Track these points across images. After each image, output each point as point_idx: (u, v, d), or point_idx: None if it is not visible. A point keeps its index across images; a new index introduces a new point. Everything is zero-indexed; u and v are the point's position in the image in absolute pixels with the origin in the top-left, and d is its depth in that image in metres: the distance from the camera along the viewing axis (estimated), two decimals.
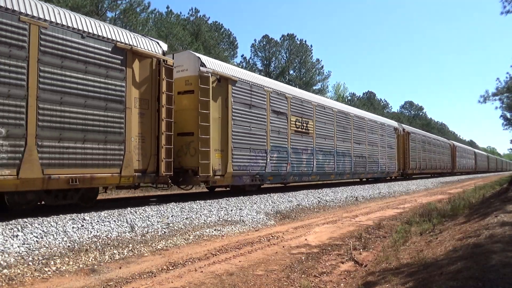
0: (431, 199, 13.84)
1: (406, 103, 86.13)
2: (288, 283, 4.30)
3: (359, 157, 18.87)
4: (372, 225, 8.08)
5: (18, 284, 4.02)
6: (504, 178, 29.05)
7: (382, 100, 71.53)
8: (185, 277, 4.38)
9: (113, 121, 7.75)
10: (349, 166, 17.73)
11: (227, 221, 7.94)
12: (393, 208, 11.40)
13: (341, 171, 17.00)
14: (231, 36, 40.10)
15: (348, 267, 4.98)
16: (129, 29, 20.26)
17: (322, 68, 46.02)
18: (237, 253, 5.54)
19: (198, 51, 26.65)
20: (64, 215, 6.68)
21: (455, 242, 4.75)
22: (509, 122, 28.84)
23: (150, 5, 26.62)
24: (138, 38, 8.55)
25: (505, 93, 23.12)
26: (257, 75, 13.39)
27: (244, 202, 10.03)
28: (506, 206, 6.32)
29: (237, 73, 11.35)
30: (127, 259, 5.08)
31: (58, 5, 18.87)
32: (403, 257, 4.86)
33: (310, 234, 7.08)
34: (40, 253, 4.96)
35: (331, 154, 16.24)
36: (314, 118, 15.07)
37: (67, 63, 7.08)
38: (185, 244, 6.03)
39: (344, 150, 17.33)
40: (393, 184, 20.81)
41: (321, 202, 11.76)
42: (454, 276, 3.20)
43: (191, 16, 34.77)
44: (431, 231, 6.47)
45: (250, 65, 42.51)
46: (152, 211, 7.70)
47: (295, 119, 13.87)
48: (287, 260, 5.23)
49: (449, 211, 8.58)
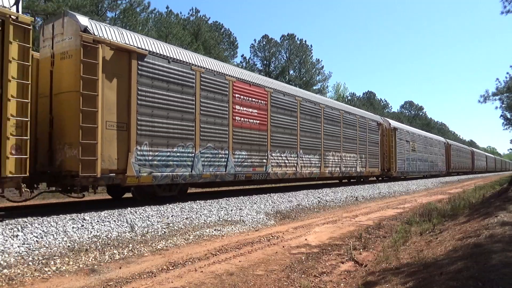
0: (431, 199, 13.85)
1: (406, 103, 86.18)
2: (288, 283, 4.30)
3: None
4: (372, 225, 8.08)
5: (18, 284, 4.02)
6: (504, 178, 29.06)
7: (382, 100, 71.59)
8: (185, 277, 4.38)
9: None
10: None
11: (227, 221, 7.94)
12: (393, 208, 11.40)
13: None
14: (231, 36, 40.14)
15: (348, 267, 4.98)
16: (129, 29, 20.27)
17: (322, 68, 46.08)
18: (237, 253, 5.54)
19: (198, 51, 26.67)
20: (64, 215, 6.68)
21: (455, 242, 4.75)
22: (509, 122, 28.84)
23: (150, 5, 26.66)
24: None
25: (505, 93, 23.12)
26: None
27: (244, 202, 10.03)
28: (506, 206, 6.32)
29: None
30: (127, 259, 5.08)
31: (58, 5, 18.87)
32: (403, 257, 4.86)
33: (310, 234, 7.08)
34: (40, 253, 4.96)
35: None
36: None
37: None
38: (185, 244, 6.03)
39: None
40: (393, 184, 20.81)
41: (321, 202, 11.76)
42: (454, 276, 3.20)
43: (191, 16, 34.80)
44: (431, 231, 6.47)
45: (250, 65, 42.52)
46: (152, 211, 7.70)
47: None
48: (287, 260, 5.22)
49: (449, 211, 8.58)
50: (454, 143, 44.41)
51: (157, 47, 9.02)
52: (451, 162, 38.82)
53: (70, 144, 7.35)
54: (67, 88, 7.45)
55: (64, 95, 7.49)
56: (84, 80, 7.25)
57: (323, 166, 15.60)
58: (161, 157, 8.83)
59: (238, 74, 11.50)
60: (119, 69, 8.03)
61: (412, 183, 22.98)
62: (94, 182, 7.63)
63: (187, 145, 9.50)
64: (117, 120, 7.94)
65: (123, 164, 7.98)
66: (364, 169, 19.38)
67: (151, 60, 8.66)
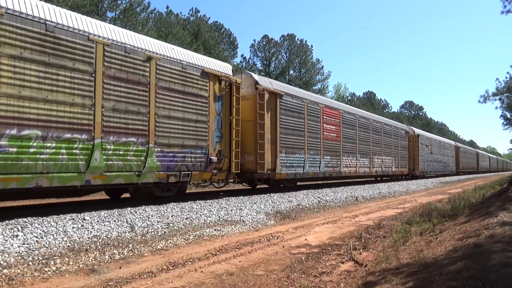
0: (431, 199, 13.85)
1: (406, 103, 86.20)
2: (288, 283, 4.30)
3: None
4: (372, 225, 8.08)
5: (18, 284, 4.02)
6: (504, 178, 29.05)
7: (382, 100, 71.58)
8: (185, 277, 4.38)
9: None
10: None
11: (227, 221, 7.94)
12: (393, 208, 11.40)
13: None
14: (231, 36, 40.13)
15: (348, 267, 4.98)
16: (129, 29, 20.26)
17: (322, 68, 46.09)
18: (237, 253, 5.54)
19: (198, 51, 26.67)
20: (64, 215, 6.68)
21: (455, 242, 4.75)
22: (509, 122, 28.82)
23: (150, 5, 26.66)
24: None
25: (505, 93, 23.10)
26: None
27: (244, 202, 10.03)
28: (506, 206, 6.32)
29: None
30: (127, 259, 5.08)
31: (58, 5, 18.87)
32: (403, 257, 4.86)
33: (310, 234, 7.08)
34: (40, 253, 4.96)
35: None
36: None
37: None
38: (185, 244, 6.03)
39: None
40: (393, 184, 20.83)
41: (321, 202, 11.76)
42: (454, 276, 3.20)
43: (191, 16, 34.78)
44: (431, 231, 6.46)
45: (250, 65, 42.52)
46: (152, 211, 7.70)
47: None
48: (287, 260, 5.22)
49: (449, 211, 8.58)
50: (462, 146, 47.41)
51: (287, 89, 13.90)
52: (460, 163, 43.49)
53: (249, 153, 11.94)
54: (247, 118, 11.82)
55: (246, 123, 11.74)
56: (258, 113, 11.93)
57: (371, 166, 20.40)
58: (290, 161, 13.41)
59: (322, 101, 16.27)
60: (272, 105, 12.66)
61: (412, 183, 23.00)
62: (261, 176, 12.14)
63: (301, 152, 14.07)
64: (271, 138, 12.51)
65: (274, 166, 12.55)
66: (397, 169, 24.09)
67: (285, 98, 13.34)
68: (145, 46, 8.72)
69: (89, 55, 7.54)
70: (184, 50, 10.31)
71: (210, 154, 10.17)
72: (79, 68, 7.36)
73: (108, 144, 7.79)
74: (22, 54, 6.53)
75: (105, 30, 7.99)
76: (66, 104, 7.11)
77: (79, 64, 7.36)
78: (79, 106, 7.34)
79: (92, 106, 7.54)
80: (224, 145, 10.74)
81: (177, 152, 9.31)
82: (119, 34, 8.28)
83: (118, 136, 8.01)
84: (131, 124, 8.26)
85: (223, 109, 10.73)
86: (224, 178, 10.92)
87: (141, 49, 8.58)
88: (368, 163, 19.91)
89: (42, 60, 6.80)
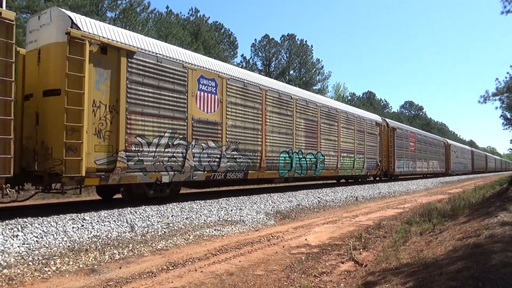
0: (431, 199, 13.85)
1: (406, 103, 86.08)
2: (288, 283, 4.30)
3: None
4: (372, 225, 8.08)
5: (18, 284, 4.02)
6: (504, 178, 29.03)
7: (382, 100, 71.55)
8: (185, 277, 4.38)
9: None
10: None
11: (227, 221, 7.94)
12: (393, 208, 11.40)
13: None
14: (231, 36, 40.08)
15: (348, 267, 4.98)
16: (129, 29, 20.27)
17: (322, 68, 46.03)
18: (237, 253, 5.54)
19: (198, 51, 26.66)
20: (64, 215, 6.68)
21: (455, 242, 4.75)
22: (509, 122, 28.81)
23: (150, 5, 26.62)
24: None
25: (505, 93, 23.09)
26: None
27: (244, 202, 10.03)
28: (506, 206, 6.32)
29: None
30: (127, 259, 5.08)
31: (58, 5, 18.87)
32: (403, 257, 4.86)
33: (310, 234, 7.08)
34: (40, 253, 4.96)
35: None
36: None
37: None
38: (185, 244, 6.03)
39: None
40: (393, 184, 20.82)
41: (321, 202, 11.76)
42: (454, 276, 3.20)
43: (191, 16, 34.74)
44: (431, 231, 6.46)
45: (250, 65, 42.51)
46: (152, 211, 7.70)
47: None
48: (287, 260, 5.22)
49: (449, 211, 8.57)
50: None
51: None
52: (474, 164, 53.38)
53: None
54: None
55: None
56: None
57: (428, 168, 30.61)
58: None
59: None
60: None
61: (412, 183, 23.01)
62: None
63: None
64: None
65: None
66: (438, 169, 33.86)
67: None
68: (376, 118, 21.14)
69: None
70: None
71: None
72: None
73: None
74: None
75: (361, 112, 17.16)
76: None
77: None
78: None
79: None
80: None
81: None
82: (364, 114, 18.11)
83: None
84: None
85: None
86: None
87: (375, 120, 20.36)
88: (426, 165, 30.17)
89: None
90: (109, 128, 7.69)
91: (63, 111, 6.91)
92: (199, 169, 9.72)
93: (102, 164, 7.55)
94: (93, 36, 7.36)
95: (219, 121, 10.25)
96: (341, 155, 16.93)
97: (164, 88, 8.81)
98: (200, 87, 9.80)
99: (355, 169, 18.27)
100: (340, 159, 16.81)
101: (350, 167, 17.82)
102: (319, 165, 15.11)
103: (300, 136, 13.93)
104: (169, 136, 8.92)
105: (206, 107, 9.97)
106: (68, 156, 6.90)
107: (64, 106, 6.91)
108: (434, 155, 32.04)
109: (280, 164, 12.74)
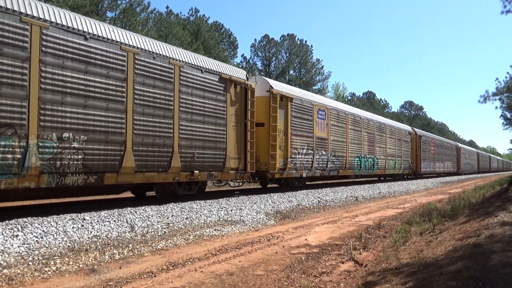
0: (431, 199, 13.85)
1: (406, 103, 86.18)
2: (288, 283, 4.30)
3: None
4: (372, 225, 8.08)
5: (18, 284, 4.02)
6: (504, 178, 29.04)
7: (382, 100, 71.61)
8: (185, 277, 4.38)
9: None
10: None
11: (227, 221, 7.94)
12: (393, 208, 11.40)
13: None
14: (231, 36, 40.14)
15: (348, 267, 4.98)
16: (129, 29, 20.27)
17: (322, 68, 46.10)
18: (237, 253, 5.54)
19: (198, 51, 26.67)
20: (64, 215, 6.68)
21: (455, 242, 4.75)
22: (509, 122, 28.86)
23: (150, 5, 26.66)
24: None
25: (505, 93, 23.12)
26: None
27: (244, 202, 10.03)
28: (506, 206, 6.32)
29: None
30: (127, 259, 5.08)
31: (58, 5, 18.86)
32: (403, 257, 4.86)
33: (310, 234, 7.08)
34: (40, 253, 4.96)
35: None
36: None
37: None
38: (185, 244, 6.03)
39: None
40: (393, 184, 20.84)
41: (321, 202, 11.76)
42: (454, 276, 3.20)
43: (191, 16, 34.79)
44: (431, 231, 6.46)
45: (250, 65, 42.52)
46: (152, 211, 7.70)
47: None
48: (287, 260, 5.23)
49: (449, 211, 8.57)
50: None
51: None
52: (480, 165, 59.82)
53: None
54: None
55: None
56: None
57: (443, 168, 35.25)
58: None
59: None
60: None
61: (412, 183, 23.02)
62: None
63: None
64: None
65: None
66: (451, 169, 39.08)
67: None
68: (408, 128, 27.16)
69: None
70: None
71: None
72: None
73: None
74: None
75: (389, 123, 21.41)
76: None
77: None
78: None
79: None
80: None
81: None
82: (393, 124, 21.99)
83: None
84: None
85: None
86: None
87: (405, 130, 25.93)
88: (442, 165, 35.42)
89: None
90: (284, 144, 13.22)
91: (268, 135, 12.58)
92: (318, 168, 15.25)
93: (281, 165, 12.98)
94: (277, 91, 12.91)
95: (326, 137, 15.87)
96: (387, 158, 22.58)
97: (305, 119, 14.60)
98: (319, 116, 15.68)
99: (396, 169, 23.84)
100: (387, 161, 22.50)
101: (393, 167, 23.44)
102: (375, 166, 20.84)
103: (364, 145, 19.59)
104: (306, 147, 14.44)
105: (321, 128, 15.67)
106: (271, 161, 12.44)
107: (268, 133, 12.57)
108: (448, 157, 38.06)
109: (355, 165, 18.43)
